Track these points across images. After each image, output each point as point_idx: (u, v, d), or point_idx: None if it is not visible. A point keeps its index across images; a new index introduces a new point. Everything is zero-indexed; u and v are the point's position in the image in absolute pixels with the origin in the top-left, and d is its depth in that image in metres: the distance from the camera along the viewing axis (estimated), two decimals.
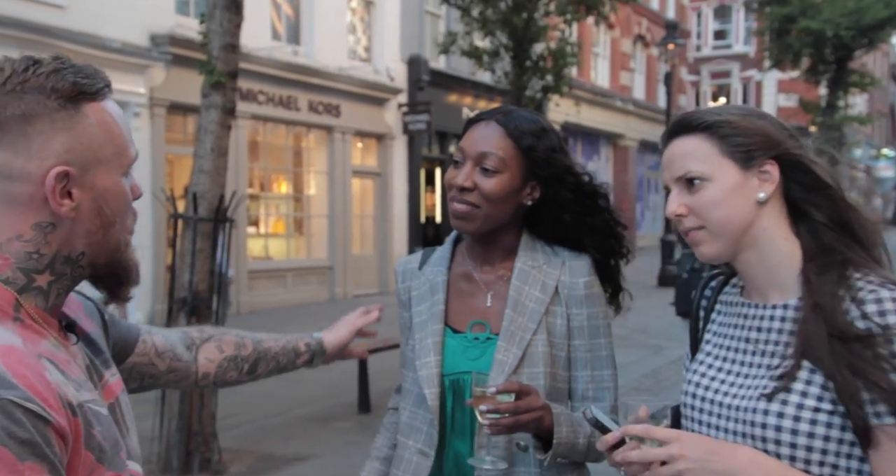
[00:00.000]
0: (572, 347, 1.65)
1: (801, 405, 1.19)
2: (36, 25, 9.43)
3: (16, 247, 0.97)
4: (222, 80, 4.92)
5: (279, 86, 13.26)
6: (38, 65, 0.97)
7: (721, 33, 32.98)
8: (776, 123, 1.31)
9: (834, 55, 21.13)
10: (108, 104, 1.03)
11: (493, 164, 1.60)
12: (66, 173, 0.97)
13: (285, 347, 1.60)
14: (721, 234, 1.28)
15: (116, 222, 1.03)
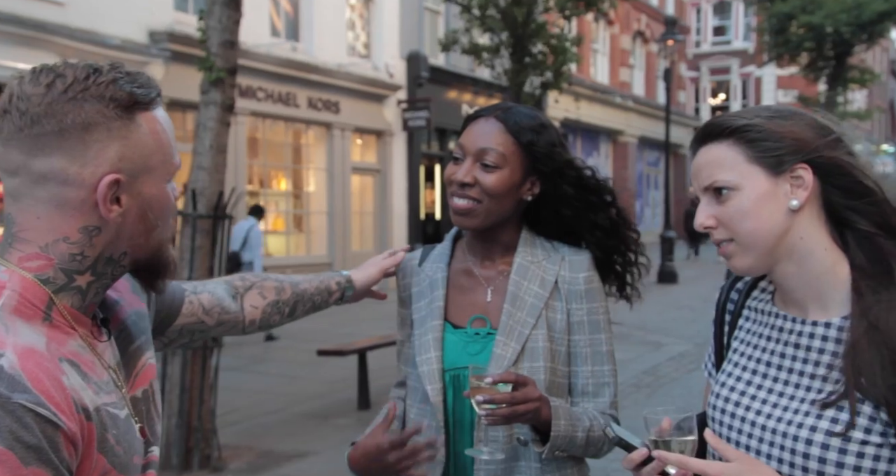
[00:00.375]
0: (572, 342, 1.65)
1: (849, 437, 1.12)
2: (34, 22, 9.42)
3: (61, 248, 1.00)
4: (221, 76, 4.91)
5: (278, 82, 13.24)
6: (98, 73, 1.00)
7: (720, 29, 32.95)
8: (810, 123, 1.22)
9: (833, 51, 21.12)
10: (159, 112, 1.05)
11: (493, 160, 1.60)
12: (118, 181, 0.99)
13: (319, 287, 1.65)
14: (752, 247, 1.21)
15: (159, 226, 1.06)
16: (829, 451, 1.12)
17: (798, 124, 1.21)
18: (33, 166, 0.97)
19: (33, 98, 0.97)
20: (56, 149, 0.97)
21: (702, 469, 1.12)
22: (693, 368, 7.80)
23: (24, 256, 0.99)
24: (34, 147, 0.97)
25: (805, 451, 1.14)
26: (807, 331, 1.21)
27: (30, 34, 9.37)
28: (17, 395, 0.86)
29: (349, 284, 1.69)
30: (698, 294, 13.29)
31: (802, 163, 1.18)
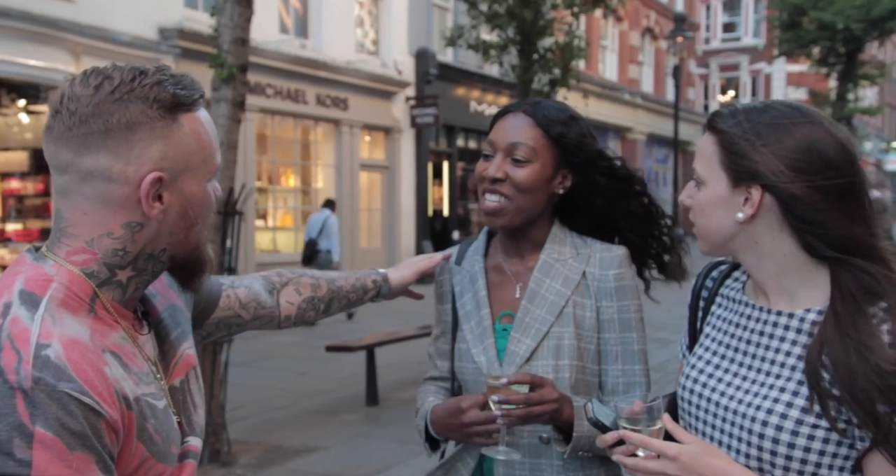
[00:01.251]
0: (602, 340, 1.63)
1: (801, 420, 1.19)
2: (45, 18, 9.47)
3: (105, 243, 1.04)
4: (233, 73, 4.93)
5: (287, 79, 13.28)
6: (144, 75, 1.04)
7: (730, 26, 32.81)
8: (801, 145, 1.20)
9: (844, 47, 21.02)
10: (202, 114, 1.09)
11: (523, 154, 1.60)
12: (160, 179, 1.03)
13: (355, 285, 1.68)
14: (704, 238, 1.31)
15: (198, 224, 1.10)
16: (781, 432, 1.19)
17: (780, 147, 1.21)
18: (81, 164, 1.02)
19: (82, 99, 1.01)
20: (102, 147, 1.01)
21: (661, 449, 1.20)
22: None
23: (70, 250, 1.03)
24: (82, 146, 1.01)
25: (761, 431, 1.21)
26: (771, 320, 1.27)
27: (41, 31, 9.43)
28: (62, 384, 0.90)
29: (385, 283, 1.72)
30: None
31: (757, 185, 1.22)
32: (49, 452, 0.88)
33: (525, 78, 11.60)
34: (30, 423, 0.87)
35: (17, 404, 0.88)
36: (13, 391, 0.88)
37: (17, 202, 10.64)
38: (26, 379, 0.89)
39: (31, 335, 0.93)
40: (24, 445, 0.87)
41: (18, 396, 0.88)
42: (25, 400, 0.88)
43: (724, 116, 1.28)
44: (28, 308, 0.95)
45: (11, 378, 0.89)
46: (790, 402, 1.21)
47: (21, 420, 0.87)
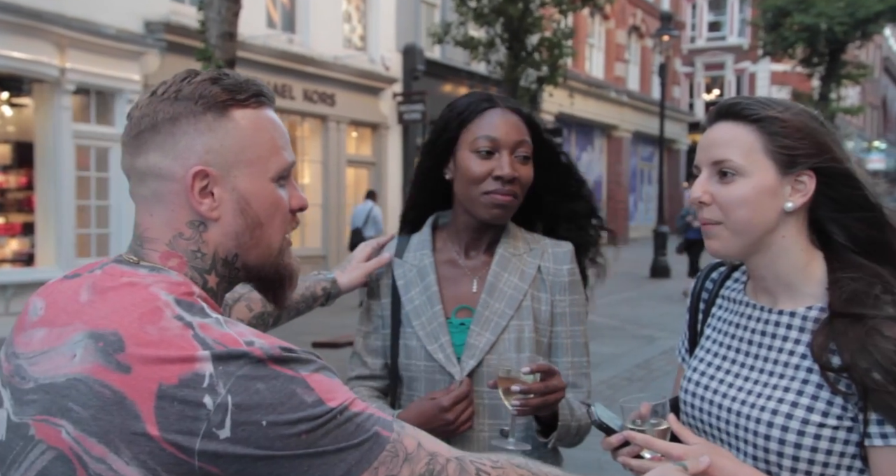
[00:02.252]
0: (554, 334, 1.66)
1: (807, 419, 1.18)
2: (30, 10, 9.38)
3: (182, 244, 1.03)
4: (221, 67, 4.93)
5: (274, 74, 13.22)
6: (195, 75, 1.04)
7: (715, 25, 32.99)
8: (829, 130, 1.24)
9: (827, 48, 21.19)
10: (263, 112, 1.07)
11: (527, 152, 1.63)
12: (206, 173, 1.01)
13: (304, 295, 1.68)
14: (739, 234, 1.23)
15: (264, 224, 1.06)
16: (787, 432, 1.18)
17: (820, 129, 1.23)
18: (136, 165, 1.03)
19: (140, 104, 1.04)
20: (151, 145, 1.02)
21: (666, 450, 1.18)
22: None
23: (161, 255, 1.03)
24: (136, 148, 1.03)
25: (766, 432, 1.20)
26: (773, 319, 1.26)
27: (26, 23, 9.33)
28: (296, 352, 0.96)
29: (334, 286, 1.72)
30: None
31: (810, 169, 1.21)
32: (321, 384, 0.95)
33: (512, 75, 11.63)
34: (296, 373, 0.94)
35: (276, 367, 0.93)
36: (264, 361, 0.93)
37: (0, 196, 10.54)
38: (271, 349, 0.94)
39: (233, 336, 0.94)
40: (306, 389, 0.94)
41: (270, 363, 0.93)
42: (279, 362, 0.94)
43: (761, 105, 1.23)
44: (203, 316, 0.95)
45: (257, 352, 0.93)
46: (795, 402, 1.20)
47: (288, 374, 0.93)
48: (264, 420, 0.90)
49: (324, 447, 0.93)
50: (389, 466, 0.96)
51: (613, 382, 7.04)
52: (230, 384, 0.90)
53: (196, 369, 0.90)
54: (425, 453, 1.00)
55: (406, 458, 0.98)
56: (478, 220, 1.66)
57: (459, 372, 1.60)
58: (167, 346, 0.91)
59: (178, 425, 0.89)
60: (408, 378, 1.66)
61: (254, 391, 0.90)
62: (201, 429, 0.89)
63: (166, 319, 0.93)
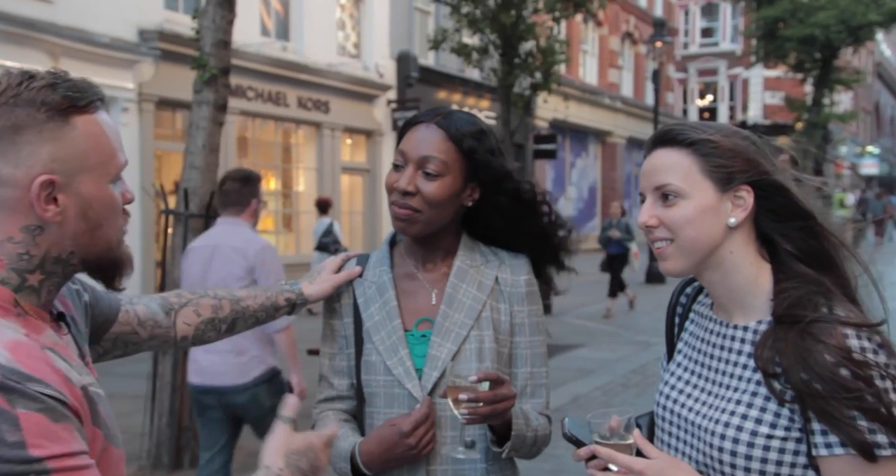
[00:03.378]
0: (514, 344, 1.67)
1: (755, 432, 1.22)
2: (23, 19, 9.38)
3: (8, 248, 1.03)
4: (215, 74, 4.92)
5: (268, 82, 13.24)
6: (33, 79, 1.03)
7: (708, 31, 33.14)
8: (759, 146, 1.31)
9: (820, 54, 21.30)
10: (100, 115, 1.08)
11: (434, 168, 1.59)
12: (51, 181, 1.02)
13: (264, 304, 1.65)
14: (688, 252, 1.29)
15: (103, 225, 1.08)
16: (738, 444, 1.23)
17: (749, 146, 1.29)
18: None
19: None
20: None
21: (628, 464, 1.22)
22: None
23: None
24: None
25: (719, 445, 1.25)
26: (729, 333, 1.32)
27: (19, 32, 9.34)
28: (28, 384, 0.91)
29: (300, 297, 1.70)
30: None
31: (747, 185, 1.27)
32: (37, 427, 0.90)
33: (506, 82, 11.64)
34: (10, 409, 0.89)
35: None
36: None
37: None
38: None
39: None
40: (13, 428, 0.88)
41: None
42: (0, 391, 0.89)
43: (686, 130, 1.30)
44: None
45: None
46: (745, 414, 1.24)
47: (1, 407, 0.88)
48: None
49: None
50: None
51: (609, 388, 7.04)
52: None
53: None
54: None
55: None
56: None
57: (417, 387, 1.59)
58: None
59: None
60: (368, 394, 1.66)
61: None
62: None
63: None
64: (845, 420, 1.13)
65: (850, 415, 1.14)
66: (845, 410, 1.13)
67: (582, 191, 24.61)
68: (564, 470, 4.81)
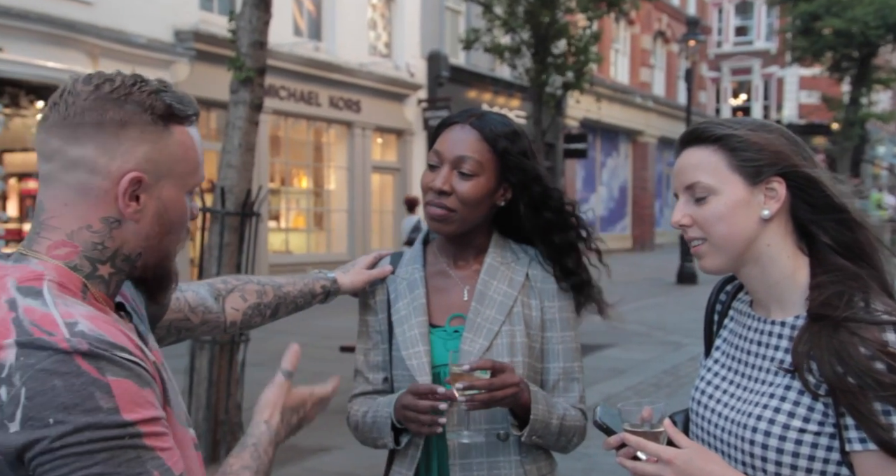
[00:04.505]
0: (545, 339, 1.70)
1: (788, 425, 1.22)
2: (62, 21, 9.58)
3: (85, 236, 1.06)
4: (251, 76, 4.99)
5: (300, 81, 13.36)
6: (145, 83, 1.08)
7: (742, 29, 32.72)
8: (790, 139, 1.31)
9: (858, 52, 20.92)
10: (193, 130, 1.13)
11: (470, 168, 1.63)
12: (140, 179, 1.06)
13: (303, 291, 1.71)
14: (723, 249, 1.29)
15: (171, 233, 1.12)
16: (770, 437, 1.22)
17: (778, 138, 1.29)
18: (68, 152, 1.04)
19: (82, 94, 1.04)
20: (92, 139, 1.04)
21: (657, 452, 1.23)
22: None
23: (52, 244, 1.05)
24: (72, 136, 1.04)
25: (751, 438, 1.24)
26: (766, 329, 1.31)
27: (60, 33, 9.54)
28: (116, 352, 0.95)
29: (335, 287, 1.75)
30: None
31: (778, 176, 1.27)
32: (127, 393, 0.93)
33: (539, 81, 11.62)
34: (101, 376, 0.92)
35: (81, 364, 0.92)
36: (71, 355, 0.92)
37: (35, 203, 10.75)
38: (80, 343, 0.93)
39: (54, 317, 0.95)
40: (106, 395, 0.92)
41: (78, 358, 0.92)
42: (87, 358, 0.92)
43: (711, 127, 1.31)
44: (34, 298, 0.97)
45: (65, 345, 0.92)
46: (777, 408, 1.24)
47: (92, 376, 0.92)
48: (51, 418, 0.90)
49: (92, 467, 0.90)
50: None
51: (640, 388, 7.01)
52: (27, 377, 0.90)
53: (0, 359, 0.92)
54: None
55: None
56: None
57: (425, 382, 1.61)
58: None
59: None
60: (396, 389, 1.70)
61: (49, 387, 0.90)
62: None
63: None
64: (873, 417, 1.13)
65: (881, 410, 1.13)
66: (875, 405, 1.13)
67: (612, 191, 24.45)
68: (596, 469, 4.80)
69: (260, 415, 1.25)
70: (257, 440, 1.21)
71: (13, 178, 10.57)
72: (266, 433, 1.23)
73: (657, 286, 14.71)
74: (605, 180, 23.98)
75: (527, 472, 1.65)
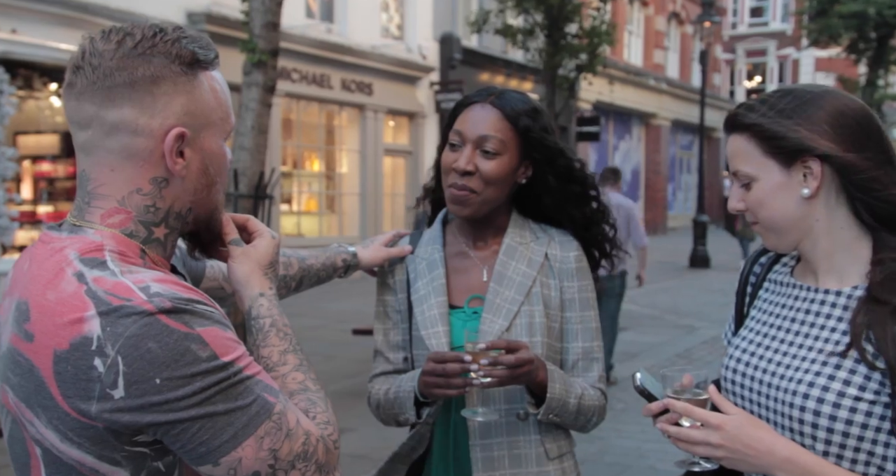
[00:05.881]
0: (565, 319, 1.70)
1: (843, 393, 1.19)
2: (75, 2, 9.57)
3: (136, 200, 1.05)
4: (264, 58, 4.98)
5: (313, 64, 13.31)
6: (164, 33, 1.04)
7: (758, 10, 32.33)
8: (831, 115, 1.25)
9: (875, 33, 20.65)
10: (217, 73, 1.10)
11: (493, 147, 1.62)
12: (183, 134, 1.04)
13: (325, 264, 1.72)
14: (773, 230, 1.32)
15: (218, 182, 1.11)
16: (823, 404, 1.20)
17: (810, 121, 1.25)
18: (105, 117, 1.01)
19: (105, 53, 1.02)
20: (127, 100, 1.01)
21: (704, 418, 1.21)
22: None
23: (105, 213, 1.04)
24: (106, 99, 1.01)
25: (802, 404, 1.22)
26: (818, 298, 1.30)
27: (72, 15, 9.53)
28: (195, 305, 0.97)
29: (354, 261, 1.75)
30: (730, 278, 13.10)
31: (813, 155, 1.25)
32: (218, 339, 0.97)
33: (552, 63, 11.55)
34: (190, 329, 0.94)
35: (169, 322, 0.93)
36: (156, 316, 0.93)
37: (49, 185, 10.80)
38: (163, 302, 0.94)
39: (127, 284, 0.95)
40: (201, 345, 0.94)
41: (163, 317, 0.93)
42: (171, 316, 0.94)
43: (744, 114, 1.31)
44: (102, 269, 0.97)
45: (149, 307, 0.93)
46: (832, 375, 1.21)
47: (182, 331, 0.94)
48: (158, 378, 0.92)
49: (214, 407, 0.94)
50: (273, 439, 0.98)
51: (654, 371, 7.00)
52: (119, 345, 0.91)
53: (84, 332, 0.92)
54: (302, 432, 1.01)
55: (287, 433, 0.99)
56: None
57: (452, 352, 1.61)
58: (61, 309, 0.94)
59: (75, 389, 0.92)
60: (416, 368, 1.70)
61: (145, 350, 0.91)
62: (95, 391, 0.91)
63: (66, 280, 0.96)
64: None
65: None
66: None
67: (625, 173, 24.31)
68: (609, 451, 4.81)
69: (251, 290, 1.17)
70: (271, 317, 1.15)
71: (27, 161, 10.61)
72: (269, 305, 1.16)
73: (670, 270, 14.66)
74: (617, 163, 23.85)
75: (547, 451, 1.65)
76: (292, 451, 0.99)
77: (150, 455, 0.98)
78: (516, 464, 1.62)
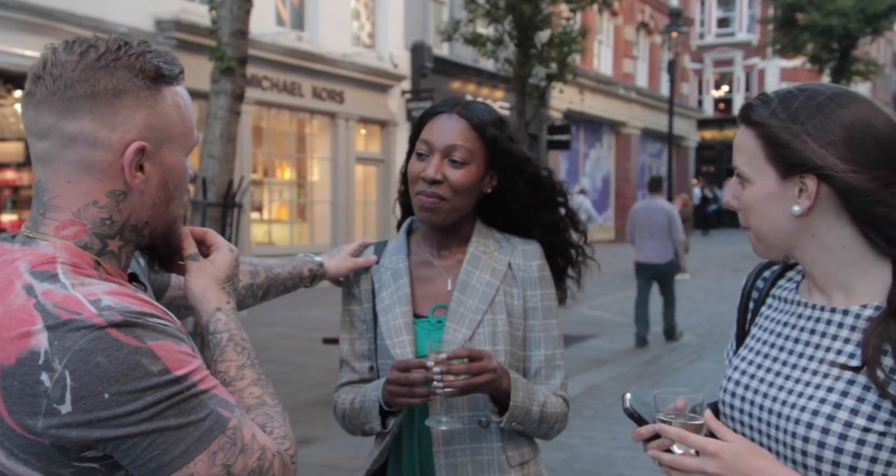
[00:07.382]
0: (527, 327, 1.72)
1: (850, 423, 1.10)
2: (41, 9, 9.44)
3: (92, 212, 1.04)
4: (232, 66, 4.96)
5: (283, 72, 13.26)
6: (129, 46, 1.04)
7: (724, 21, 32.86)
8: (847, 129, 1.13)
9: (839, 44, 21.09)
10: (181, 89, 1.10)
11: (461, 156, 1.65)
12: (143, 148, 1.03)
13: (291, 273, 1.73)
14: (761, 239, 1.23)
15: (177, 197, 1.11)
16: (828, 435, 1.11)
17: (823, 132, 1.15)
18: (64, 128, 1.00)
19: (67, 64, 1.01)
20: (87, 112, 1.00)
21: (700, 445, 1.12)
22: (695, 359, 7.85)
23: (59, 225, 1.03)
24: (66, 110, 1.00)
25: (805, 434, 1.13)
26: (824, 317, 1.20)
27: (38, 22, 9.40)
28: (148, 318, 0.95)
29: (321, 270, 1.76)
30: (700, 286, 13.34)
31: (810, 173, 1.15)
32: (170, 353, 0.95)
33: (522, 72, 11.62)
34: (141, 343, 0.93)
35: (119, 336, 0.92)
36: (105, 330, 0.91)
37: (13, 193, 10.61)
38: (113, 316, 0.92)
39: (77, 297, 0.94)
40: (152, 359, 0.93)
41: (113, 331, 0.92)
42: (122, 329, 0.92)
43: (758, 107, 1.21)
44: (52, 282, 0.95)
45: (99, 320, 0.91)
46: (838, 403, 1.12)
47: (132, 345, 0.92)
48: (107, 393, 0.90)
49: (166, 421, 0.93)
50: (227, 454, 0.97)
51: (623, 378, 7.05)
52: (67, 359, 0.90)
53: (31, 346, 0.91)
54: (258, 446, 1.01)
55: (242, 448, 0.99)
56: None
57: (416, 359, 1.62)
58: (9, 323, 0.92)
59: (21, 405, 0.91)
60: (381, 377, 1.70)
61: (94, 364, 0.90)
62: (42, 406, 0.90)
63: (14, 293, 0.94)
64: None
65: None
66: None
67: (596, 182, 24.50)
68: (578, 459, 4.83)
69: (209, 304, 1.16)
70: (228, 332, 1.14)
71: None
72: (227, 319, 1.16)
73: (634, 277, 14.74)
74: (588, 171, 24.04)
75: (509, 459, 1.66)
76: (247, 467, 0.98)
77: (99, 470, 0.96)
78: (479, 470, 1.64)
